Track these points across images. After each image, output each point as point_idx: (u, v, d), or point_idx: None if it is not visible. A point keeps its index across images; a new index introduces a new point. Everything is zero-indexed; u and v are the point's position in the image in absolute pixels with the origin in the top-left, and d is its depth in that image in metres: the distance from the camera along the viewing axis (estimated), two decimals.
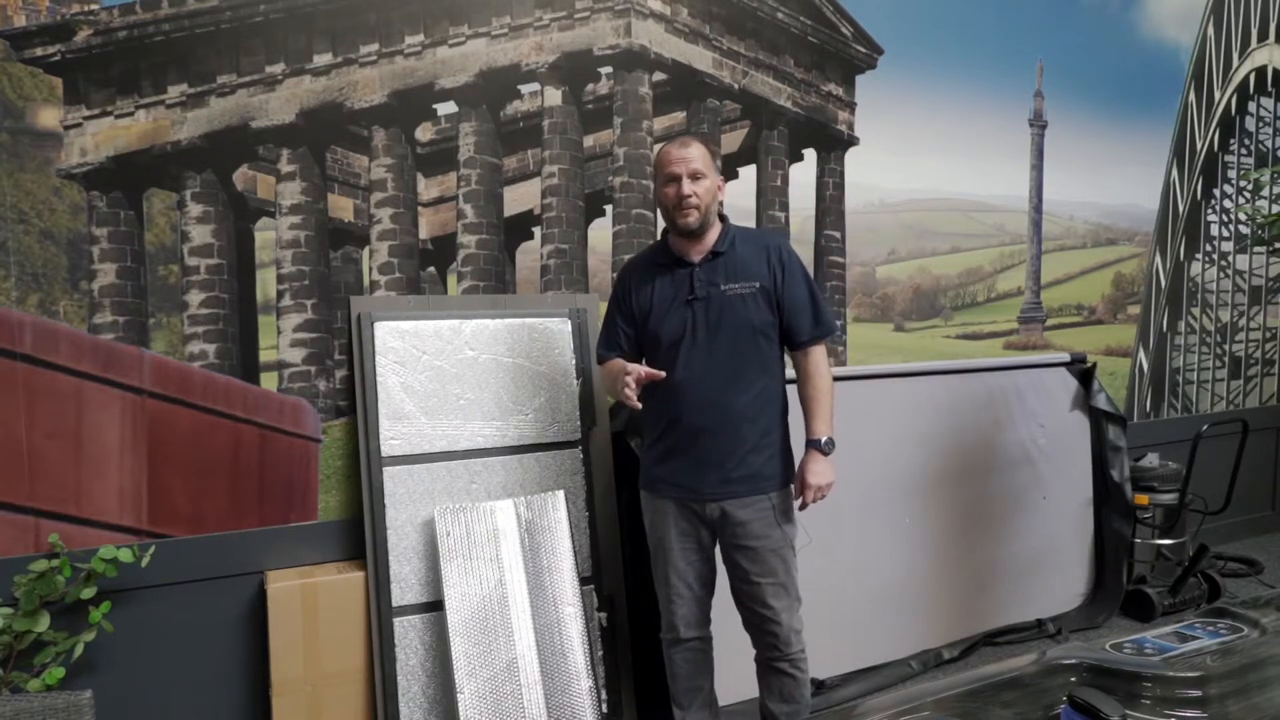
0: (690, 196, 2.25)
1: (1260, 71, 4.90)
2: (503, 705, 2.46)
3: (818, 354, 2.37)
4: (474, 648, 2.48)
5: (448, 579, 2.51)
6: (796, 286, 2.34)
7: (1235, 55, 4.82)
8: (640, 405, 2.24)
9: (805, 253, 3.62)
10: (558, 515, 2.68)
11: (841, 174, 3.67)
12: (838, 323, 2.48)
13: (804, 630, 2.41)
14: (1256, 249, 5.04)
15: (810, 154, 3.60)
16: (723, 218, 2.39)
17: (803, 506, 2.35)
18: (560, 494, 2.70)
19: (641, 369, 2.22)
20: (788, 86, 3.50)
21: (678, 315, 2.31)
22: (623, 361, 2.34)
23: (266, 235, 2.68)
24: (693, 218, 2.27)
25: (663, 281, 2.35)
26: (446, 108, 2.89)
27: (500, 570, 2.56)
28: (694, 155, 2.28)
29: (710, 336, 2.29)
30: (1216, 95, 4.80)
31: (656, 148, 3.23)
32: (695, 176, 2.26)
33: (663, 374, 2.24)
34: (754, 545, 2.32)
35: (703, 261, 2.32)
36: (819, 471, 2.31)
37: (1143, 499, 3.94)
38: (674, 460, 2.34)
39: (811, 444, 2.33)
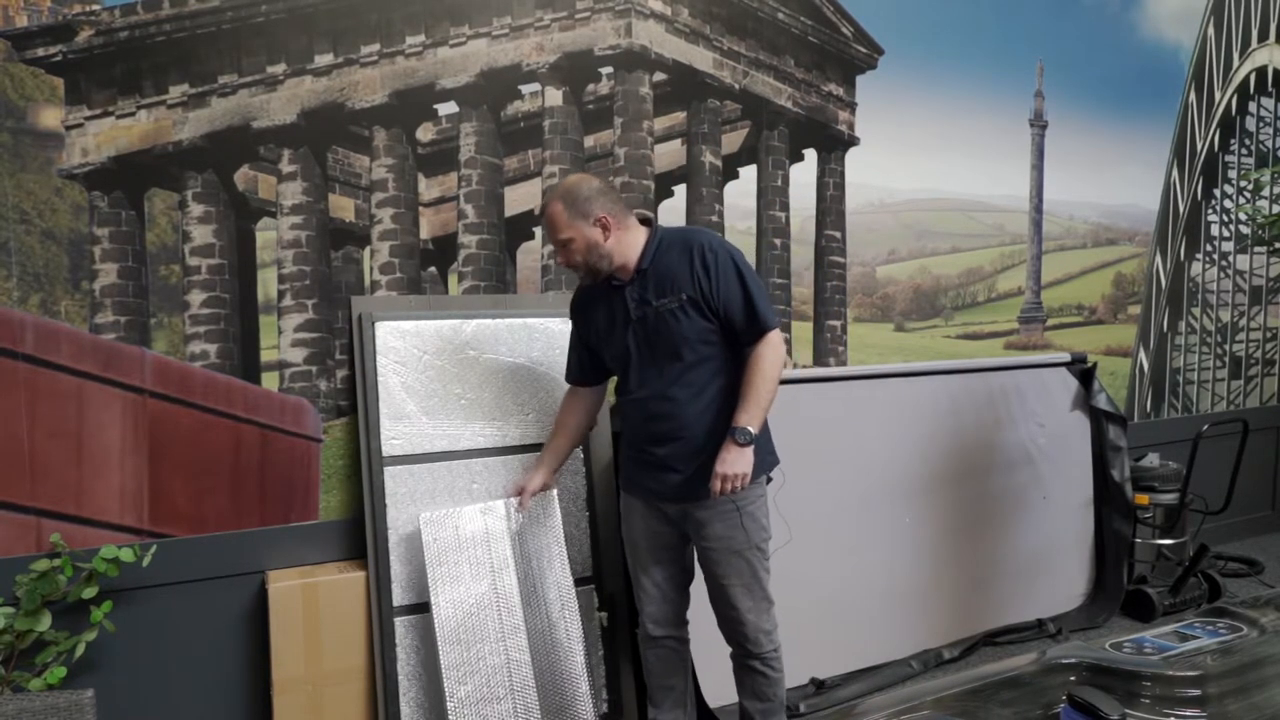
0: (565, 263, 2.32)
1: (1260, 72, 4.90)
2: (496, 709, 2.46)
3: (763, 346, 2.28)
4: (466, 653, 2.47)
5: (435, 585, 2.49)
6: (726, 287, 2.26)
7: (1236, 55, 4.82)
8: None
9: (806, 253, 3.63)
10: (550, 515, 2.67)
11: (842, 174, 3.67)
12: (777, 313, 2.41)
13: (778, 630, 2.41)
14: (1257, 249, 5.04)
15: (811, 154, 3.60)
16: (647, 221, 2.36)
17: (710, 495, 2.24)
18: (553, 493, 2.69)
19: (524, 491, 2.51)
20: (788, 87, 3.50)
21: (620, 337, 2.34)
22: (576, 400, 2.56)
23: (268, 235, 2.69)
24: (583, 276, 2.35)
25: (604, 305, 2.38)
26: (447, 108, 2.90)
27: (492, 574, 2.55)
28: (553, 223, 2.27)
29: (653, 352, 2.30)
30: (1217, 95, 4.80)
31: (658, 149, 3.24)
32: (562, 245, 2.28)
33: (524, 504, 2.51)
34: (715, 545, 2.32)
35: (631, 281, 2.32)
36: (727, 460, 2.21)
37: (1143, 499, 3.94)
38: (640, 463, 2.39)
39: (729, 432, 2.24)
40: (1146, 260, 4.74)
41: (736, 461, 2.22)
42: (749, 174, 3.46)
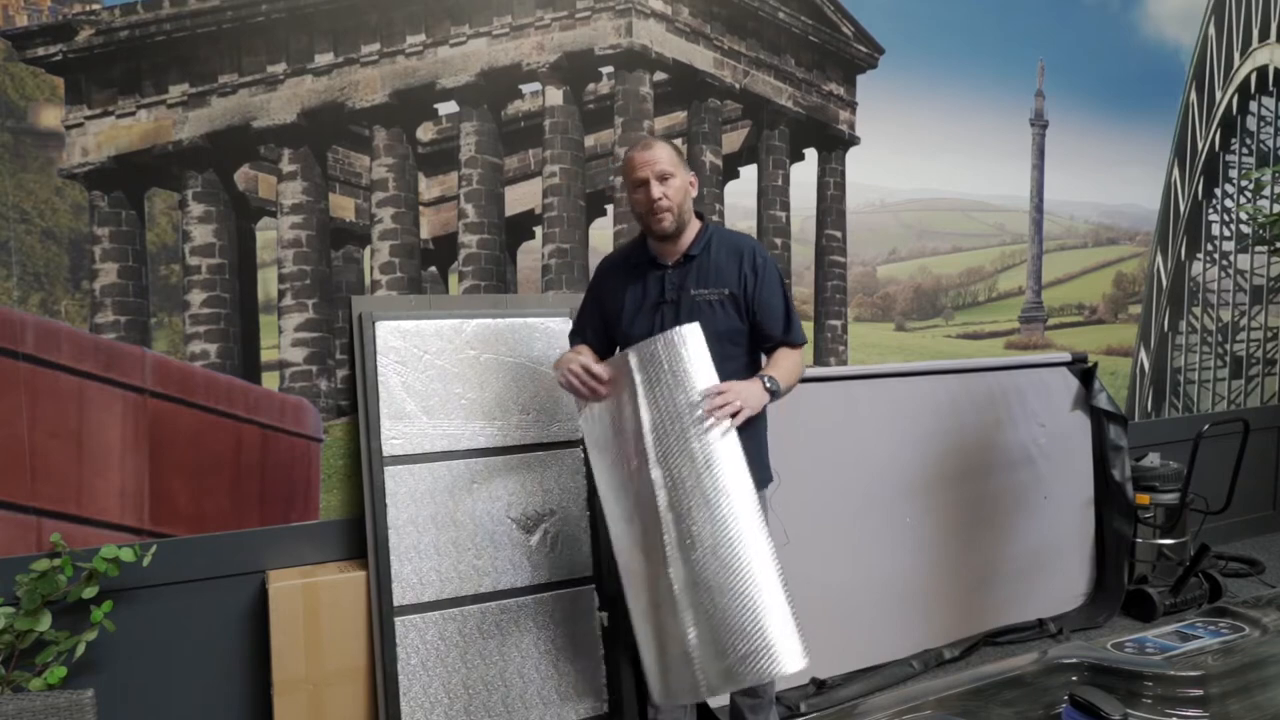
0: (661, 199, 2.20)
1: (1261, 71, 4.90)
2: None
3: (789, 348, 2.31)
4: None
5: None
6: (771, 294, 2.30)
7: (1236, 55, 4.82)
8: (587, 395, 2.18)
9: (806, 252, 3.63)
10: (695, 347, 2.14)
11: (842, 174, 3.67)
12: (805, 338, 2.42)
13: None
14: (1258, 249, 5.04)
15: (811, 154, 3.60)
16: (700, 216, 2.36)
17: (702, 411, 2.04)
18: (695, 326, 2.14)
19: (582, 363, 2.17)
20: (789, 86, 3.50)
21: (647, 318, 2.30)
22: (574, 354, 2.31)
23: (268, 235, 2.68)
24: (667, 221, 2.23)
25: (636, 283, 2.34)
26: (448, 107, 2.89)
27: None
28: (659, 156, 2.22)
29: None
30: (1217, 95, 4.80)
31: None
32: (663, 178, 2.21)
33: (605, 382, 2.16)
34: None
35: (675, 264, 2.30)
36: (742, 386, 2.09)
37: (1144, 499, 3.94)
38: None
39: (758, 375, 2.18)
40: (1147, 260, 4.74)
41: (750, 392, 2.09)
42: (749, 173, 3.46)
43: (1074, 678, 1.93)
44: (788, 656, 1.93)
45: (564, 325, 2.92)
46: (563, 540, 2.81)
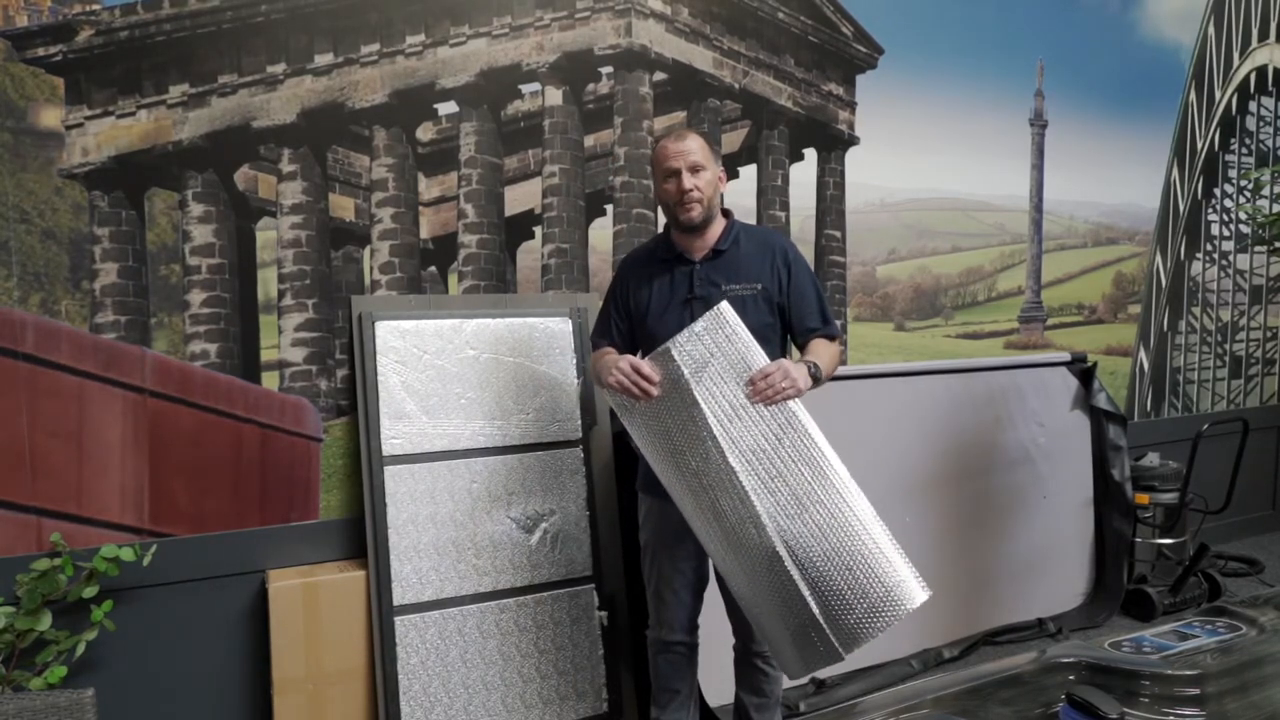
0: (692, 190, 2.19)
1: (1261, 71, 4.90)
2: None
3: (825, 340, 2.29)
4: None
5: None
6: (805, 287, 2.30)
7: (1236, 55, 4.82)
8: (640, 395, 2.09)
9: (806, 252, 3.61)
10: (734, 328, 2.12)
11: (842, 173, 3.67)
12: (839, 322, 2.39)
13: None
14: (1257, 248, 5.04)
15: (811, 153, 3.60)
16: (727, 213, 2.34)
17: (751, 392, 2.05)
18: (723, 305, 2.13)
19: (630, 363, 2.11)
20: (788, 86, 3.50)
21: (675, 315, 2.25)
22: (615, 354, 2.26)
23: (268, 235, 2.69)
24: (695, 212, 2.21)
25: (662, 279, 2.30)
26: (447, 107, 2.90)
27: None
28: (692, 148, 2.21)
29: None
30: (1217, 95, 4.80)
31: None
32: (695, 169, 2.20)
33: (655, 381, 2.08)
34: None
35: (704, 259, 2.27)
36: (790, 367, 2.06)
37: (1143, 498, 3.94)
38: None
39: (800, 360, 2.17)
40: (1147, 260, 4.74)
41: (797, 372, 2.06)
42: (749, 173, 3.46)
43: (1072, 677, 1.93)
44: (912, 592, 2.02)
45: (564, 325, 2.92)
46: (562, 539, 2.82)
